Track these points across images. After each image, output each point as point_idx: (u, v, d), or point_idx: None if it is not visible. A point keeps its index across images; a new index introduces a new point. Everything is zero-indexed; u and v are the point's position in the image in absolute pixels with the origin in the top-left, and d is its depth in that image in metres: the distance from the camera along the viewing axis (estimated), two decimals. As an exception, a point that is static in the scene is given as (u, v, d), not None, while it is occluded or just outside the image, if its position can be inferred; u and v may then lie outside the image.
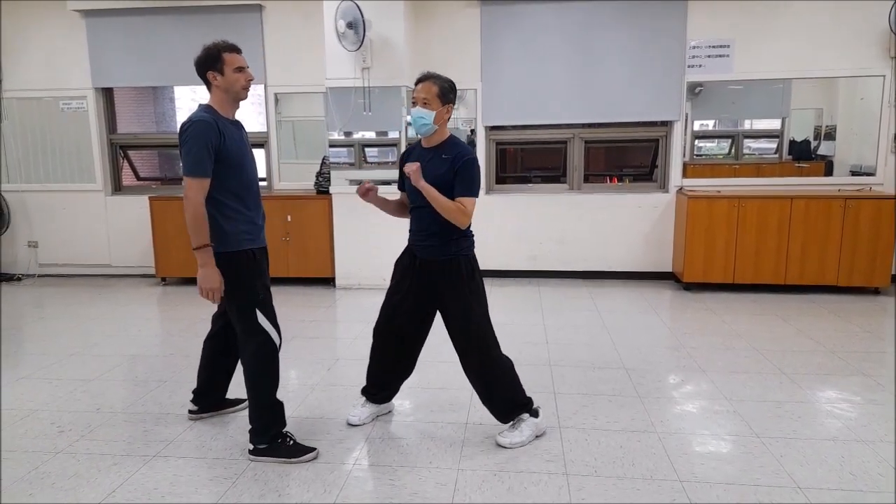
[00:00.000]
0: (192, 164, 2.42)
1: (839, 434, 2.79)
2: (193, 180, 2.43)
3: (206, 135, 2.43)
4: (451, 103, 2.59)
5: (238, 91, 2.56)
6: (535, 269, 6.02)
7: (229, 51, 2.53)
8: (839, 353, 3.83)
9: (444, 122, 2.60)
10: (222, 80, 2.52)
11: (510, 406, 2.73)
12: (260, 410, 2.64)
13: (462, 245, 2.66)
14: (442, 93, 2.54)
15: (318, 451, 2.66)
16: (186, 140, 2.42)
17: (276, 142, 6.16)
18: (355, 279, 5.75)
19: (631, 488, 2.37)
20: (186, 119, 2.47)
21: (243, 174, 2.59)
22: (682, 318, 4.75)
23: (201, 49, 2.53)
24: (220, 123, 2.49)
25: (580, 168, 5.98)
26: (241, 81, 2.55)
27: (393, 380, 2.97)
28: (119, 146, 6.46)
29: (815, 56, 5.43)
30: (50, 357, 3.97)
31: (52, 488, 2.43)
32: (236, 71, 2.53)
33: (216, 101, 2.56)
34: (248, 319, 2.58)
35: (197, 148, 2.41)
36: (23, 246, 6.51)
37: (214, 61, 2.51)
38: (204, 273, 2.49)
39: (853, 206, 5.09)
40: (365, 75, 5.30)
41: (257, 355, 2.61)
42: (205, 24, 5.92)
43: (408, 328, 2.81)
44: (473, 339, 2.67)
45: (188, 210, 2.44)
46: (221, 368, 2.99)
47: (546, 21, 5.65)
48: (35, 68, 6.21)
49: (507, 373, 2.73)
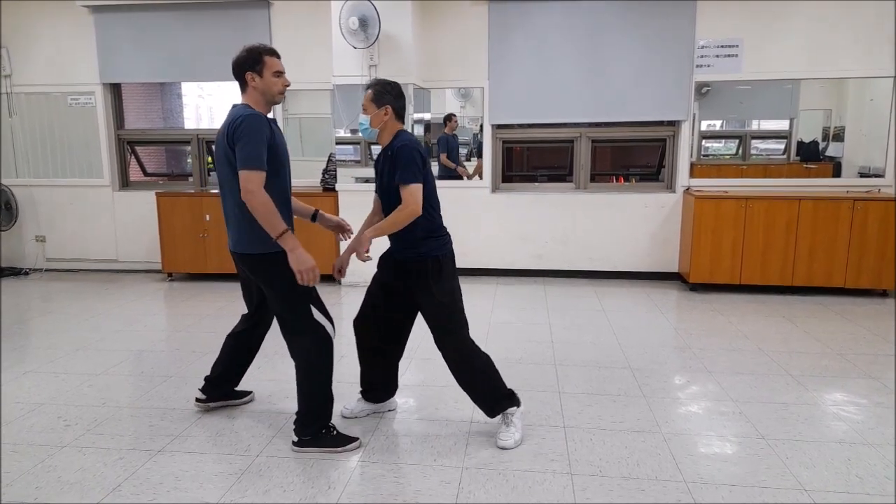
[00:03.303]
0: (251, 158, 2.40)
1: (846, 437, 2.77)
2: (252, 173, 2.41)
3: (262, 129, 2.44)
4: (389, 104, 2.62)
5: (274, 94, 2.59)
6: (540, 268, 6.01)
7: (270, 54, 2.56)
8: (846, 356, 3.81)
9: (385, 123, 2.64)
10: (260, 81, 2.54)
11: (495, 397, 2.75)
12: (312, 403, 2.66)
13: (430, 246, 2.67)
14: (376, 97, 2.62)
15: (360, 441, 2.69)
16: (242, 134, 2.41)
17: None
18: (360, 276, 5.74)
19: (636, 489, 2.37)
20: (235, 115, 2.47)
21: (284, 177, 2.63)
22: (688, 318, 4.74)
23: (242, 49, 2.55)
24: (269, 121, 2.52)
25: (587, 167, 5.96)
26: (279, 86, 2.58)
27: (378, 377, 2.99)
28: (126, 142, 6.48)
29: (825, 56, 5.39)
30: (56, 351, 3.99)
31: (57, 482, 2.44)
32: (275, 75, 2.56)
33: (251, 101, 2.57)
34: (304, 316, 2.60)
35: (255, 141, 2.41)
36: (30, 240, 6.55)
37: (255, 63, 2.53)
38: (295, 257, 2.48)
39: (861, 207, 5.06)
40: (372, 73, 5.29)
41: (313, 349, 2.63)
42: (213, 20, 5.94)
43: (386, 325, 2.86)
44: (447, 334, 2.71)
45: (255, 205, 2.41)
46: (241, 364, 3.05)
47: (554, 20, 5.63)
48: (43, 64, 6.24)
49: (487, 366, 2.76)
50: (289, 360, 2.74)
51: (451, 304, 2.70)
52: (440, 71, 5.86)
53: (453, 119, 6.51)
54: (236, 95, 2.66)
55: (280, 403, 3.16)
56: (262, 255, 2.56)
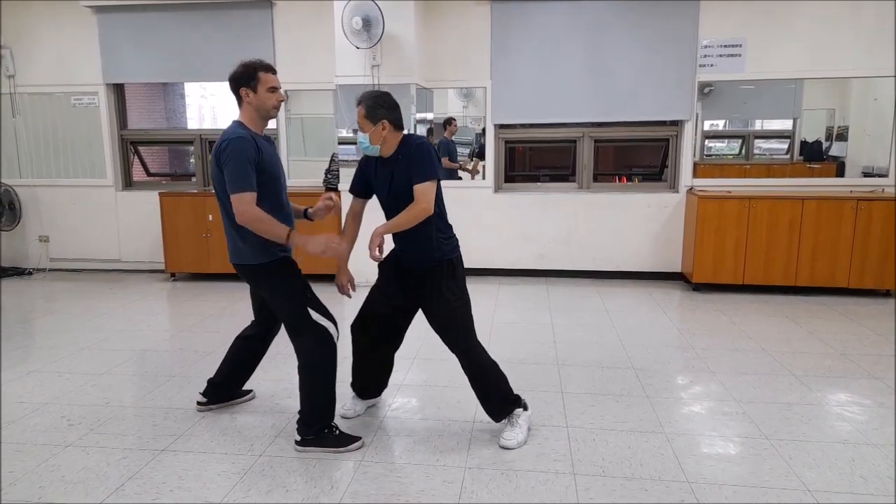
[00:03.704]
0: (239, 181, 2.45)
1: (849, 437, 2.76)
2: (242, 195, 2.45)
3: (246, 151, 2.48)
4: (384, 118, 2.57)
5: (268, 109, 2.61)
6: (543, 268, 6.01)
7: (265, 70, 2.59)
8: (850, 356, 3.80)
9: (385, 136, 2.59)
10: (254, 97, 2.58)
11: (504, 401, 2.75)
12: (315, 403, 2.68)
13: (444, 249, 2.67)
14: (369, 113, 2.56)
15: (363, 441, 2.70)
16: (228, 159, 2.46)
17: (285, 139, 6.17)
18: (363, 276, 5.72)
19: (639, 489, 2.36)
20: (221, 138, 2.52)
21: (278, 188, 2.66)
22: (691, 318, 4.73)
23: (238, 64, 2.58)
24: (256, 139, 2.55)
25: (590, 167, 5.96)
26: (273, 101, 2.60)
27: (370, 380, 3.02)
28: (129, 142, 6.49)
29: (828, 56, 5.38)
30: (60, 351, 4.00)
31: (61, 481, 2.44)
32: (269, 91, 2.59)
33: (246, 116, 2.61)
34: (303, 319, 2.63)
35: (240, 164, 2.45)
36: (34, 240, 6.56)
37: (249, 78, 2.56)
38: (310, 247, 2.50)
39: (865, 207, 5.05)
40: (374, 72, 5.29)
41: (316, 350, 2.65)
42: (215, 20, 5.94)
43: (384, 330, 2.87)
44: (460, 335, 2.71)
45: (251, 222, 2.46)
46: (247, 367, 3.09)
47: (556, 20, 5.62)
48: (47, 64, 6.25)
49: (495, 368, 2.76)
50: (291, 361, 2.75)
51: (463, 306, 2.70)
52: (442, 71, 5.86)
53: (453, 123, 6.50)
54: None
55: (283, 403, 3.17)
56: (258, 265, 2.62)
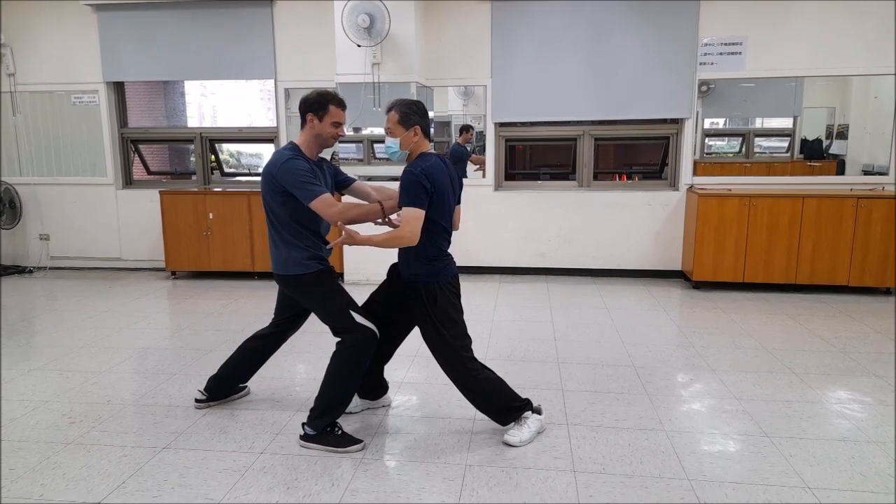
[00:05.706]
0: (307, 192, 2.56)
1: (849, 435, 2.77)
2: (317, 201, 2.57)
3: (300, 165, 2.60)
4: (417, 124, 2.61)
5: (326, 139, 2.73)
6: (543, 266, 6.02)
7: (337, 105, 2.69)
8: (850, 354, 3.81)
9: (414, 143, 2.64)
10: (318, 125, 2.68)
11: (506, 412, 2.74)
12: (334, 395, 2.70)
13: (421, 270, 2.64)
14: (402, 119, 2.61)
15: (364, 444, 2.70)
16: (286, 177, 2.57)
17: (285, 136, 6.17)
18: (363, 274, 5.76)
19: (639, 486, 2.37)
20: (276, 160, 2.62)
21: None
22: (691, 316, 4.73)
23: (314, 91, 2.70)
24: (309, 162, 2.66)
25: (590, 165, 5.96)
26: (332, 132, 2.72)
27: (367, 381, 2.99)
28: (130, 140, 6.49)
29: (829, 54, 5.38)
30: (61, 349, 4.00)
31: (62, 479, 2.45)
32: (333, 125, 2.69)
33: (304, 139, 2.72)
34: (348, 320, 2.68)
35: (300, 176, 2.57)
36: (34, 239, 6.57)
37: (320, 107, 2.67)
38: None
39: (865, 205, 5.05)
40: (375, 71, 5.29)
41: (358, 346, 2.68)
42: (216, 18, 5.94)
43: (384, 332, 2.84)
44: (443, 359, 2.70)
45: (337, 217, 2.58)
46: (254, 365, 3.11)
47: (557, 18, 5.62)
48: (47, 62, 6.25)
49: (495, 384, 2.72)
50: (293, 359, 2.76)
51: (440, 338, 2.64)
52: (443, 69, 5.86)
53: (470, 131, 6.27)
54: (239, 94, 2.70)
55: (284, 401, 3.18)
56: (298, 276, 2.70)
